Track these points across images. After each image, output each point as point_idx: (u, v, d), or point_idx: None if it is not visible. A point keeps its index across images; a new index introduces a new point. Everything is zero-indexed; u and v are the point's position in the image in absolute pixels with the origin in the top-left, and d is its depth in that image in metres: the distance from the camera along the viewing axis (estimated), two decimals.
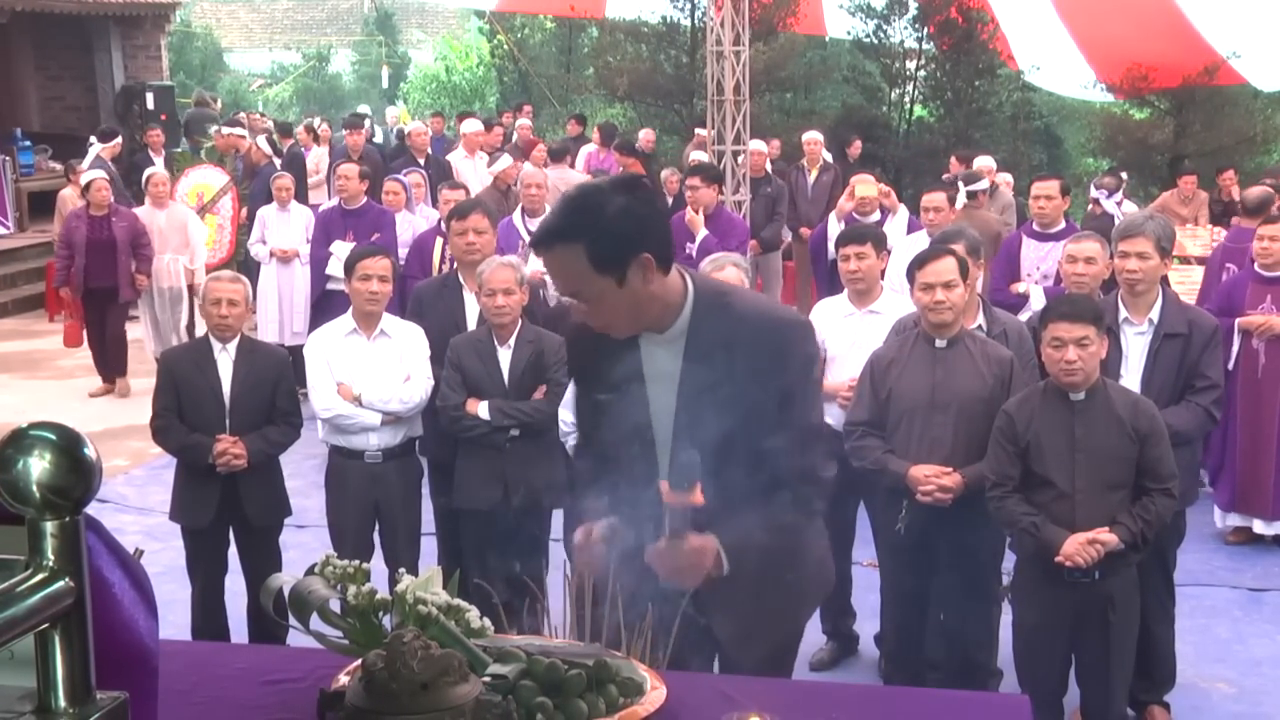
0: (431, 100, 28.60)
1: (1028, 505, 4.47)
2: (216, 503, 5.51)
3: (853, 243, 5.80)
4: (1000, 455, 4.52)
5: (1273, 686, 5.62)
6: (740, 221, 9.40)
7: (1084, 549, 4.33)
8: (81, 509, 1.66)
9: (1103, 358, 4.49)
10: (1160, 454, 4.41)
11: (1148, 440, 4.38)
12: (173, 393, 5.53)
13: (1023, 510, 4.47)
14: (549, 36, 25.33)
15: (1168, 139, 17.42)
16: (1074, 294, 5.11)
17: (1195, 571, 6.61)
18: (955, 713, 3.23)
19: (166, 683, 2.26)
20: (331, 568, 3.06)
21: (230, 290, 5.55)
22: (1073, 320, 4.36)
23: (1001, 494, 4.52)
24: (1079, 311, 4.41)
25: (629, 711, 2.95)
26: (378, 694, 2.46)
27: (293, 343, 9.56)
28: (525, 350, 5.51)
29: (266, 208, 10.97)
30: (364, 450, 5.63)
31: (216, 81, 32.16)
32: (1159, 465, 4.40)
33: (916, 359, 4.91)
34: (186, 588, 5.73)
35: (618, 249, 2.80)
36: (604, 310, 2.91)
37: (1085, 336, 4.34)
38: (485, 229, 6.31)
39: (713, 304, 3.00)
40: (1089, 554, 4.33)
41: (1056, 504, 4.42)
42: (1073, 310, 4.42)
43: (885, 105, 18.63)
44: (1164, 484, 4.40)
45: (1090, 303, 4.62)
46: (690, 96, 17.90)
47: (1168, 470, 4.41)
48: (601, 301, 2.87)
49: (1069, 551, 4.34)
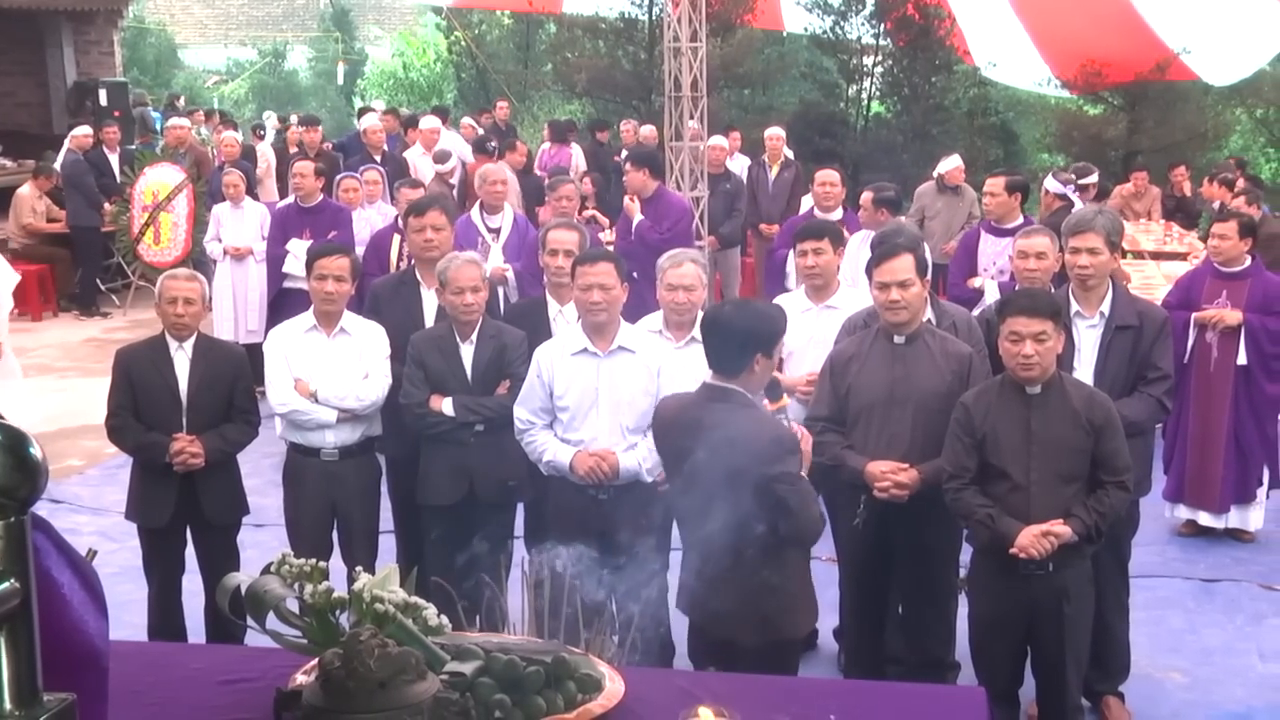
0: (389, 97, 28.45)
1: (984, 497, 4.50)
2: (174, 502, 5.46)
3: (811, 238, 5.81)
4: (957, 447, 4.55)
5: (1224, 676, 5.69)
6: (678, 200, 9.39)
7: (1038, 541, 4.37)
8: (28, 509, 1.64)
9: (1060, 352, 4.52)
10: (1115, 447, 4.45)
11: (1103, 433, 4.42)
12: (128, 391, 5.48)
13: (979, 502, 4.50)
14: (506, 32, 25.23)
15: (1121, 135, 17.59)
16: (1032, 289, 5.14)
17: (1149, 563, 6.68)
18: (913, 705, 3.26)
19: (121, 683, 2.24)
20: (288, 566, 3.04)
21: (186, 289, 5.50)
22: (1031, 315, 4.39)
23: (958, 486, 4.55)
24: (1037, 306, 4.43)
25: (587, 708, 2.95)
26: (335, 693, 2.46)
27: (248, 341, 9.49)
28: (487, 346, 5.50)
29: (220, 205, 10.89)
30: (321, 448, 5.61)
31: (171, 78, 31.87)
32: (1114, 458, 4.44)
33: (876, 355, 4.93)
34: (143, 588, 5.68)
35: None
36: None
37: (1043, 332, 4.38)
38: (443, 225, 6.29)
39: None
40: (1043, 546, 4.36)
41: (1012, 496, 4.45)
42: (1031, 305, 4.44)
43: (843, 101, 18.70)
44: (1118, 476, 4.44)
45: (1049, 298, 4.65)
46: (648, 92, 17.91)
47: (1123, 463, 4.46)
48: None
49: (1023, 543, 4.37)
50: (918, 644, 5.15)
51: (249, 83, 34.40)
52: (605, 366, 5.10)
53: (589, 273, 5.09)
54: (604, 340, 5.11)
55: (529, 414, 5.19)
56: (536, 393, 5.17)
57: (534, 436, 5.19)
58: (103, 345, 12.30)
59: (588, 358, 5.11)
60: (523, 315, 5.98)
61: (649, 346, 5.19)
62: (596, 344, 5.11)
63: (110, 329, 13.43)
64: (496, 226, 8.29)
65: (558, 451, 5.12)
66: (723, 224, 11.64)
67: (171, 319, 5.47)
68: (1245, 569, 6.91)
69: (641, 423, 5.11)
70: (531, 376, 5.20)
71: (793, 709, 3.00)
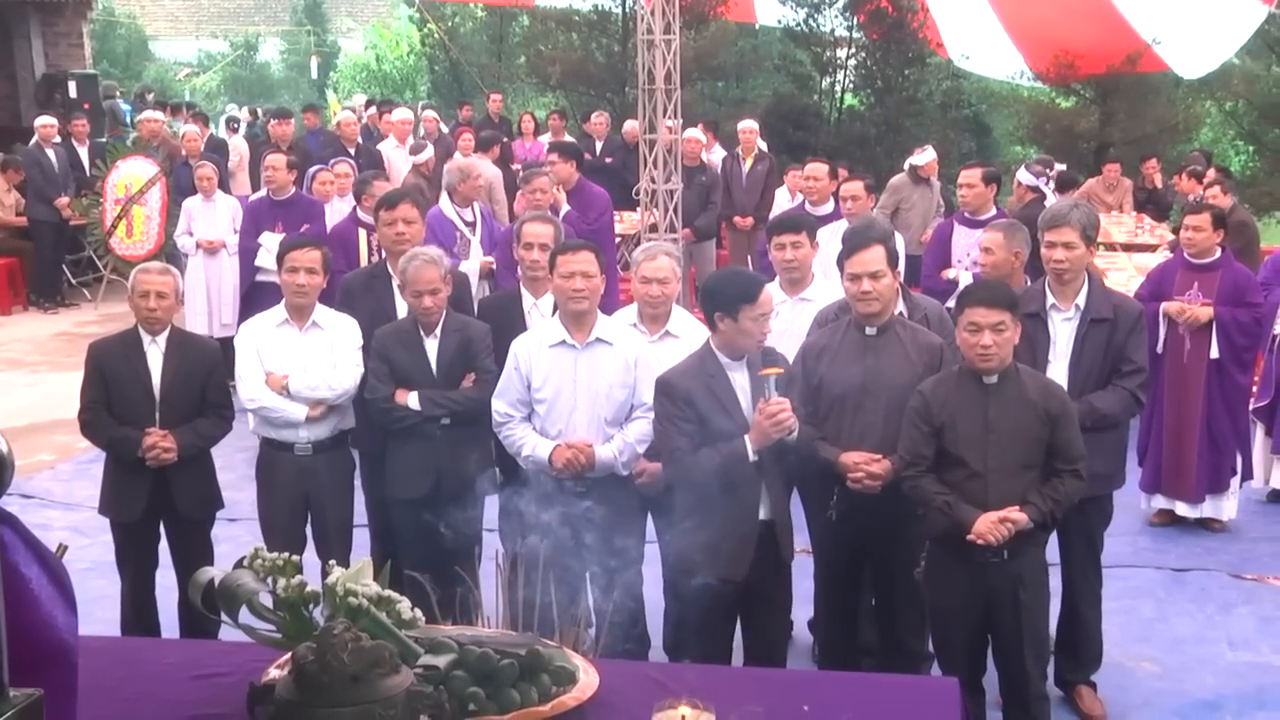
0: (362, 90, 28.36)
1: (940, 485, 4.53)
2: (146, 496, 5.43)
3: (788, 231, 5.82)
4: (914, 435, 4.58)
5: (1194, 664, 5.73)
6: (600, 192, 9.46)
7: (995, 527, 4.39)
8: None
9: (1016, 343, 4.55)
10: (1070, 436, 4.48)
11: (1058, 422, 4.46)
12: (101, 385, 5.44)
13: (936, 489, 4.53)
14: (480, 25, 25.16)
15: (1093, 127, 17.67)
16: (990, 280, 5.17)
17: (1121, 553, 6.72)
18: (886, 696, 3.27)
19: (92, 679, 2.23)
20: (260, 560, 3.04)
21: (159, 282, 5.47)
22: (989, 306, 4.42)
23: (916, 474, 4.59)
24: (995, 297, 4.46)
25: (561, 700, 2.96)
26: (308, 687, 2.45)
27: (221, 334, 9.45)
28: (452, 340, 5.49)
29: (191, 198, 10.83)
30: (294, 443, 5.59)
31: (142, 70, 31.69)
32: (1069, 447, 4.48)
33: (847, 347, 4.94)
34: (115, 583, 5.65)
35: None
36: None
37: (1001, 322, 4.41)
38: (414, 218, 6.28)
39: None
40: (1000, 532, 4.39)
41: (969, 483, 4.48)
42: (989, 296, 4.48)
43: (816, 94, 18.72)
44: (1073, 465, 4.48)
45: (1006, 289, 4.67)
46: (622, 85, 17.90)
47: (1077, 451, 4.49)
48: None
49: (980, 530, 4.40)
50: (891, 635, 5.17)
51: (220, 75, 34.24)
52: (583, 359, 5.10)
53: (570, 261, 5.10)
54: (581, 332, 5.11)
55: (507, 406, 5.18)
56: (514, 385, 5.17)
57: (512, 430, 5.19)
58: (74, 339, 12.22)
59: (565, 350, 5.11)
60: (497, 308, 5.97)
61: (626, 339, 5.19)
62: (574, 336, 5.10)
63: (81, 323, 13.34)
64: (471, 220, 8.30)
65: (536, 445, 5.12)
66: (698, 217, 11.64)
67: (144, 313, 5.43)
68: (1216, 558, 6.96)
69: (619, 415, 5.11)
70: (509, 369, 5.19)
71: (766, 700, 3.01)
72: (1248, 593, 6.53)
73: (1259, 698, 5.40)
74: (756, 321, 4.58)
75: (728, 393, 4.63)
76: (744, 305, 4.54)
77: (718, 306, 4.59)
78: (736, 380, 4.67)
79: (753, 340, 4.61)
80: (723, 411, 4.60)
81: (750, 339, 4.60)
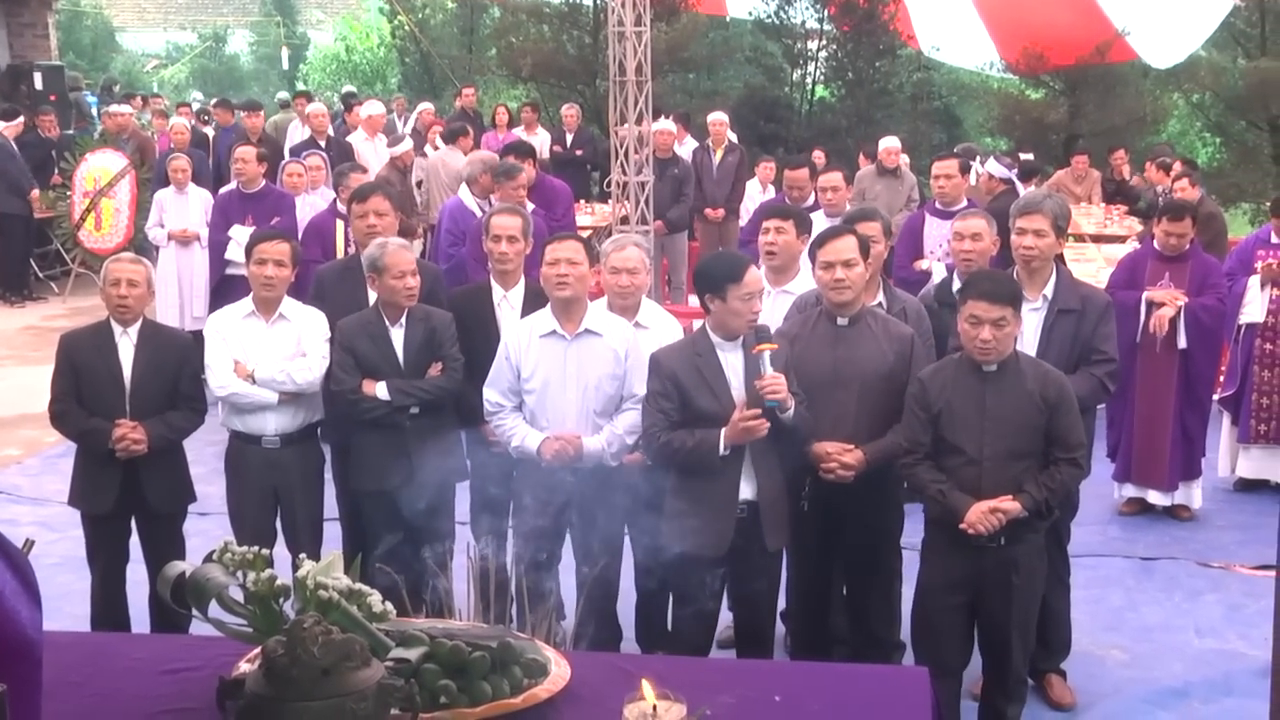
0: (332, 82, 28.23)
1: (936, 472, 4.56)
2: (117, 489, 5.40)
3: (775, 217, 5.83)
4: (913, 422, 4.61)
5: (1163, 652, 5.78)
6: (562, 186, 9.50)
7: (985, 517, 4.42)
8: None
9: (1017, 335, 4.57)
10: (1070, 423, 4.50)
11: (1057, 409, 4.48)
12: (71, 377, 5.41)
13: (931, 477, 4.56)
14: (450, 17, 25.08)
15: (1062, 119, 17.75)
16: (995, 272, 5.13)
17: (1090, 542, 6.77)
18: (856, 685, 3.29)
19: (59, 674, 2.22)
20: (230, 554, 3.03)
21: (130, 271, 5.43)
22: (992, 300, 4.43)
23: (913, 460, 4.61)
24: (999, 292, 4.46)
25: (533, 693, 2.96)
26: (278, 681, 2.44)
27: (193, 327, 9.40)
28: (417, 329, 5.48)
29: (164, 190, 10.76)
30: (262, 436, 5.56)
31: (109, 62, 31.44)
32: (1068, 434, 4.50)
33: (819, 336, 4.95)
34: (84, 578, 5.61)
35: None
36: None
37: (1003, 317, 4.42)
38: (386, 211, 6.27)
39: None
40: (990, 522, 4.42)
41: (964, 470, 4.50)
42: (993, 290, 4.47)
43: (787, 86, 18.74)
44: (1071, 453, 4.50)
45: (1011, 283, 4.67)
46: (593, 77, 17.87)
47: (1076, 439, 4.52)
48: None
49: (971, 519, 4.42)
50: (863, 625, 5.19)
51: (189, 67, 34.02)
52: (573, 349, 5.10)
53: (557, 249, 5.14)
54: (572, 322, 5.12)
55: (499, 395, 5.18)
56: (505, 374, 5.17)
57: (503, 420, 5.19)
58: (41, 334, 12.14)
59: (555, 340, 5.12)
60: (466, 300, 5.96)
61: (617, 330, 5.19)
62: (564, 326, 5.11)
63: (49, 316, 13.24)
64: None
65: (526, 436, 5.12)
66: (669, 209, 11.63)
67: (115, 301, 5.39)
68: (1184, 547, 7.02)
69: (608, 406, 5.12)
70: (500, 358, 5.20)
71: (737, 690, 3.01)
72: (1214, 581, 6.58)
73: (1225, 684, 5.45)
74: (745, 301, 4.64)
75: (715, 372, 4.67)
76: (730, 285, 4.61)
77: (707, 288, 4.69)
78: (728, 360, 4.70)
79: (742, 320, 4.67)
80: (708, 391, 4.64)
81: (740, 318, 4.66)
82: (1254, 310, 7.58)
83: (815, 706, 3.00)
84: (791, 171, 9.04)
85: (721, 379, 4.67)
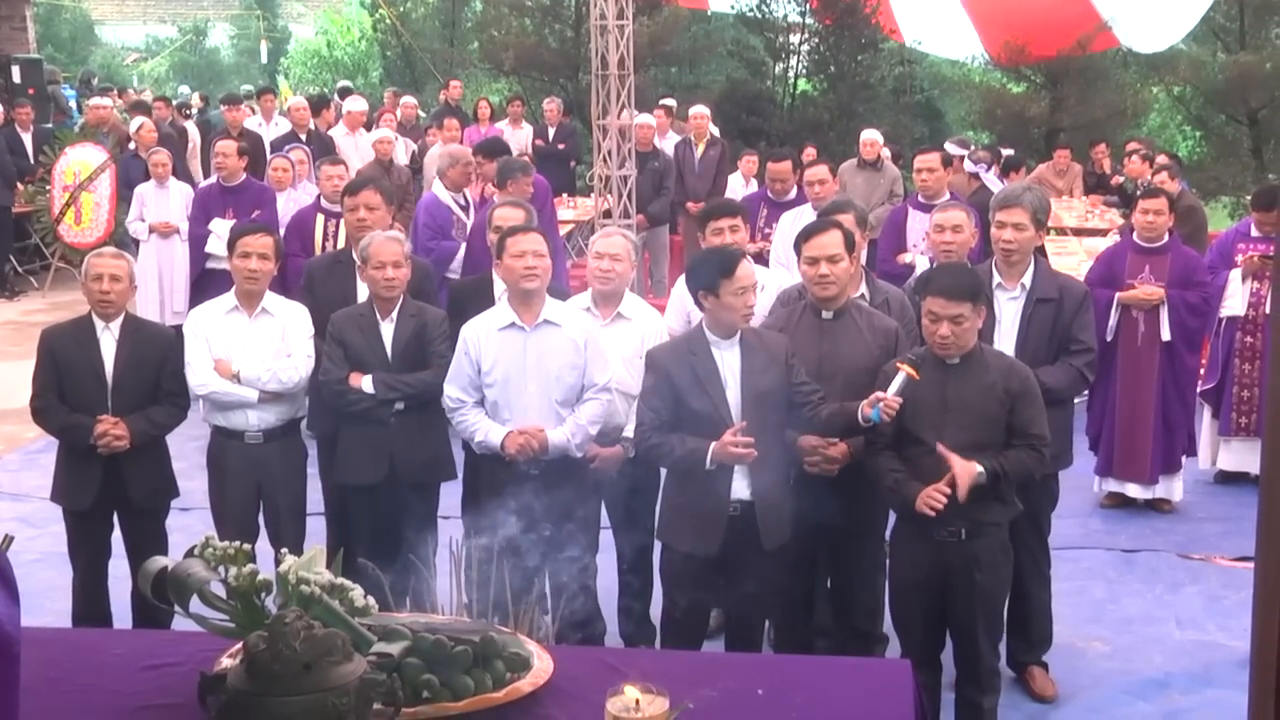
0: (313, 76, 28.12)
1: (895, 461, 4.58)
2: (98, 484, 5.37)
3: (724, 216, 5.86)
4: None
5: (1143, 644, 5.80)
6: (540, 181, 9.51)
7: (930, 494, 4.41)
8: None
9: (979, 327, 4.57)
10: (1031, 415, 4.51)
11: (1019, 400, 4.49)
12: (53, 372, 5.38)
13: (889, 466, 4.58)
14: (432, 10, 24.98)
15: (1044, 112, 17.79)
16: (955, 267, 5.13)
17: (1071, 535, 6.80)
18: (840, 678, 3.29)
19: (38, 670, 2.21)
20: (211, 549, 3.02)
21: (113, 265, 5.40)
22: (950, 297, 4.43)
23: (874, 450, 4.64)
24: (958, 288, 4.46)
25: (516, 686, 2.96)
26: (260, 676, 2.44)
27: (173, 322, 9.34)
28: (408, 324, 5.46)
29: (144, 184, 10.70)
30: (244, 431, 5.54)
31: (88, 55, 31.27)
32: (1029, 426, 4.50)
33: (804, 330, 4.95)
34: (66, 574, 5.59)
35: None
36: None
37: (960, 314, 4.42)
38: (377, 205, 6.26)
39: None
40: (935, 498, 4.40)
41: (925, 460, 4.51)
42: (952, 286, 4.47)
43: (769, 79, 18.75)
44: (1029, 442, 4.50)
45: (970, 278, 4.66)
46: (575, 71, 17.86)
47: (1037, 430, 4.52)
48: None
49: (921, 500, 4.42)
50: (846, 618, 5.20)
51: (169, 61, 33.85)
52: (532, 341, 5.09)
53: (520, 241, 5.12)
54: (530, 314, 5.11)
55: (459, 391, 5.17)
56: (464, 370, 5.15)
57: (465, 415, 5.17)
58: (21, 328, 12.07)
59: (514, 332, 5.10)
60: (469, 291, 5.96)
61: (575, 320, 5.19)
62: (523, 318, 5.10)
63: (29, 311, 13.17)
64: (465, 204, 8.42)
65: (489, 431, 5.10)
66: (650, 203, 11.63)
67: (97, 296, 5.36)
68: (1164, 539, 7.05)
69: (569, 396, 5.11)
70: (459, 353, 5.18)
71: (720, 684, 3.02)
72: (1195, 572, 6.62)
73: (1206, 675, 5.48)
74: (738, 296, 4.62)
75: (709, 372, 4.65)
76: (723, 280, 4.59)
77: (699, 285, 4.67)
78: (724, 359, 4.68)
79: (737, 315, 4.66)
80: (701, 390, 4.63)
81: (734, 313, 4.65)
82: (1235, 303, 7.61)
83: (799, 699, 3.00)
84: (775, 164, 9.07)
85: (716, 379, 4.65)
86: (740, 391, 4.63)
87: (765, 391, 4.65)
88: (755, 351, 4.68)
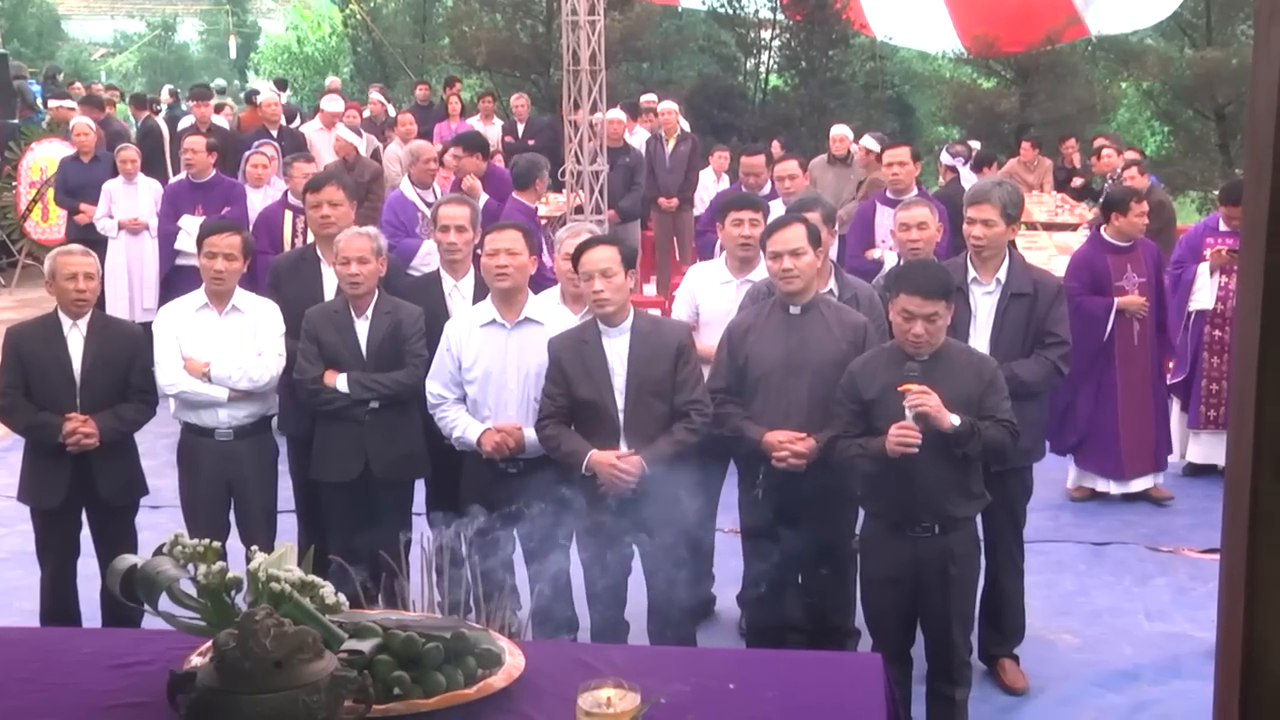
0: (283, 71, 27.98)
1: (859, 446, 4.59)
2: (67, 483, 5.33)
3: (746, 208, 5.82)
4: (841, 413, 4.65)
5: (1112, 635, 5.85)
6: (500, 170, 9.56)
7: (901, 432, 4.35)
8: None
9: (949, 323, 4.59)
10: (997, 402, 4.51)
11: (988, 390, 4.51)
12: (19, 370, 5.33)
13: (850, 441, 4.61)
14: (403, 6, 24.93)
15: (1014, 108, 17.88)
16: (926, 264, 5.12)
17: (1043, 528, 6.84)
18: (811, 672, 3.30)
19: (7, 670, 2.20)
20: (180, 547, 3.00)
21: (85, 264, 5.36)
22: (925, 295, 4.42)
23: (844, 445, 4.66)
24: (931, 286, 4.45)
25: (488, 683, 2.95)
26: (230, 674, 2.43)
27: (143, 319, 9.29)
28: (383, 321, 5.44)
29: (112, 181, 10.61)
30: (215, 428, 5.51)
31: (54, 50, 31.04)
32: (997, 411, 4.50)
33: (772, 325, 4.97)
34: (34, 573, 5.55)
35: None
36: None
37: (935, 313, 4.43)
38: (340, 201, 6.22)
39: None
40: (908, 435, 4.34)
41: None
42: (925, 284, 4.46)
43: (741, 75, 18.78)
44: (999, 421, 4.50)
45: (942, 276, 4.65)
46: (547, 66, 17.84)
47: (1006, 416, 4.52)
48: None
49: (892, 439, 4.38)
50: (817, 612, 5.21)
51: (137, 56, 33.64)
52: (513, 338, 5.10)
53: (496, 239, 5.12)
54: (512, 311, 5.11)
55: (440, 388, 5.17)
56: (446, 366, 5.16)
57: (445, 412, 5.17)
58: None
59: (496, 329, 5.11)
60: (419, 291, 5.94)
61: (557, 318, 5.19)
62: (504, 315, 5.10)
63: None
64: (431, 201, 8.36)
65: (467, 428, 5.11)
66: (621, 198, 11.63)
67: (72, 295, 5.32)
68: (1134, 532, 7.10)
69: None
70: (441, 349, 5.19)
71: (692, 679, 3.02)
72: (1163, 565, 6.67)
73: (1174, 666, 5.52)
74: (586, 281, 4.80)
75: (598, 361, 4.79)
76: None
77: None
78: (613, 348, 4.81)
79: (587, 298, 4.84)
80: (589, 379, 4.79)
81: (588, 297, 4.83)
82: (1204, 297, 7.68)
83: (770, 694, 3.01)
84: (748, 158, 9.10)
85: (604, 368, 4.78)
86: (626, 380, 4.76)
87: (651, 381, 4.78)
88: (645, 341, 4.81)
